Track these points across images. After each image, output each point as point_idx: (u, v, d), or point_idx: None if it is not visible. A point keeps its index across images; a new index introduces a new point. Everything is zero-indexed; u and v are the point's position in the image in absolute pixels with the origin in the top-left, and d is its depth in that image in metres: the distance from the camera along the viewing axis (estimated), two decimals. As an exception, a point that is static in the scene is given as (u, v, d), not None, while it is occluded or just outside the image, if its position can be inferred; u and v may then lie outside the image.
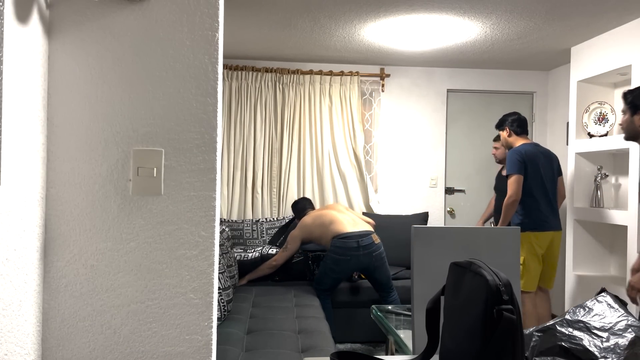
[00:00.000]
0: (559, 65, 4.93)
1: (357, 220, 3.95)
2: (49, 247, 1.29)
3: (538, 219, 3.63)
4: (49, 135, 1.29)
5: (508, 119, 3.84)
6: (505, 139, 3.87)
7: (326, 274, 3.83)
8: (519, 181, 3.59)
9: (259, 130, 4.81)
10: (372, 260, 3.76)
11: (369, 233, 3.79)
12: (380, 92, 5.07)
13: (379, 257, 3.78)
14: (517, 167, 3.60)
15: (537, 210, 3.63)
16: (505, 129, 3.85)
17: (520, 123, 3.82)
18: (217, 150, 1.34)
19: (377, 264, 3.78)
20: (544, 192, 3.66)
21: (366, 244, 3.73)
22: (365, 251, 3.72)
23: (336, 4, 3.40)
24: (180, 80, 1.32)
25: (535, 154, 3.67)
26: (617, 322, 1.03)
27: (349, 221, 3.87)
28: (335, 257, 3.75)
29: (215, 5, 1.33)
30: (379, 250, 3.79)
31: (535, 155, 3.66)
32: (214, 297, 1.34)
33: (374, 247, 3.76)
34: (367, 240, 3.74)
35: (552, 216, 3.69)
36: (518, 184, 3.58)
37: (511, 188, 3.60)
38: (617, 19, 3.59)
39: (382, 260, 3.80)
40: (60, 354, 1.30)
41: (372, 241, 3.76)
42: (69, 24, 1.29)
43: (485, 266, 0.96)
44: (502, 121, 3.88)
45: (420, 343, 1.47)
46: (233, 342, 2.59)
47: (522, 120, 3.84)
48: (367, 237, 3.75)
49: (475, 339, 0.92)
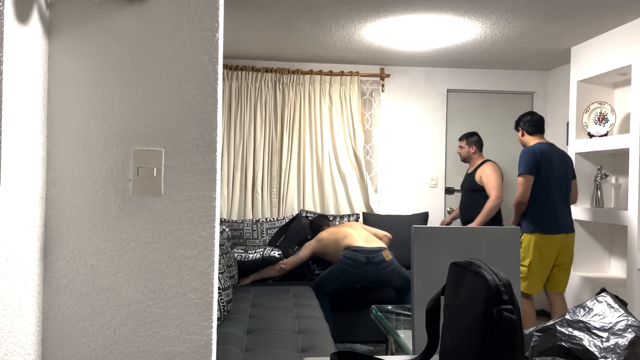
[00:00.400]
0: (559, 65, 4.93)
1: (370, 237, 4.01)
2: (49, 247, 1.29)
3: (547, 221, 3.51)
4: (49, 135, 1.29)
5: (522, 119, 3.76)
6: (520, 139, 3.79)
7: (330, 280, 3.86)
8: (527, 182, 3.49)
9: (259, 130, 4.81)
10: (380, 276, 3.82)
11: (380, 250, 3.83)
12: (380, 92, 5.07)
13: (389, 273, 3.82)
14: (527, 167, 3.50)
15: (547, 212, 3.52)
16: (519, 129, 3.77)
17: (533, 123, 3.70)
18: (217, 150, 1.34)
19: (386, 279, 3.84)
20: (556, 193, 3.54)
21: (376, 260, 3.77)
22: (374, 268, 3.77)
23: (336, 4, 3.40)
24: (180, 80, 1.32)
25: (549, 153, 3.56)
26: (617, 322, 1.03)
27: (362, 237, 3.94)
28: (343, 267, 3.80)
29: (215, 5, 1.33)
30: (390, 267, 3.81)
31: (549, 155, 3.55)
32: (214, 297, 1.34)
33: (383, 265, 3.79)
34: (378, 258, 3.77)
35: (563, 219, 3.55)
36: (526, 185, 3.49)
37: (519, 189, 3.52)
38: (617, 19, 3.59)
39: (392, 274, 3.83)
40: (60, 354, 1.30)
41: (382, 258, 3.79)
42: (69, 24, 1.29)
43: (485, 266, 0.96)
44: (517, 122, 3.81)
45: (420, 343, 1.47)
46: (233, 342, 2.59)
47: (536, 120, 3.71)
48: (378, 255, 3.78)
49: (475, 339, 0.92)
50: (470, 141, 4.50)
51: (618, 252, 4.16)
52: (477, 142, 4.50)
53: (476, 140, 4.50)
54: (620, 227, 4.07)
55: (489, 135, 5.17)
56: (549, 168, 3.52)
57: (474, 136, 4.51)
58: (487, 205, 4.16)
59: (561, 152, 3.65)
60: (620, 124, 4.06)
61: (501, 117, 5.22)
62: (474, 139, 4.50)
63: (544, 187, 3.52)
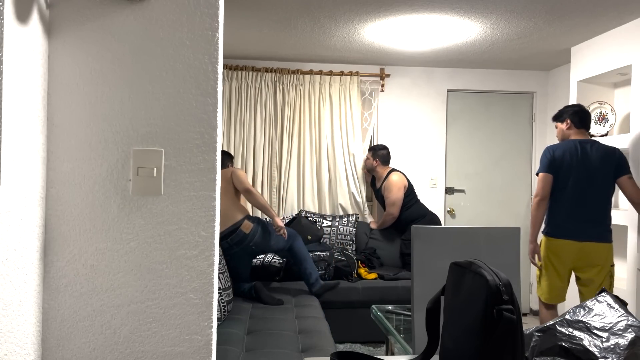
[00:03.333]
0: (559, 65, 4.93)
1: (224, 214, 3.70)
2: (49, 247, 1.29)
3: (554, 224, 3.30)
4: (49, 135, 1.29)
5: (570, 110, 3.42)
6: (562, 131, 3.43)
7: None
8: (543, 179, 3.26)
9: (259, 130, 4.81)
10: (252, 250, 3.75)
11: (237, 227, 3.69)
12: (380, 92, 5.07)
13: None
14: (542, 165, 3.31)
15: (556, 214, 3.29)
16: (566, 120, 3.40)
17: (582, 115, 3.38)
18: (217, 150, 1.34)
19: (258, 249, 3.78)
20: (573, 195, 3.23)
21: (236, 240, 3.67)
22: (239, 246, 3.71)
23: (336, 4, 3.40)
24: (180, 80, 1.32)
25: (572, 151, 3.24)
26: (617, 322, 1.03)
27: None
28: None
29: (215, 5, 1.33)
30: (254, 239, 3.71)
31: (572, 153, 3.24)
32: (214, 297, 1.34)
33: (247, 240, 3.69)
34: (238, 237, 3.66)
35: (577, 223, 3.22)
36: (543, 182, 3.27)
37: (537, 186, 3.33)
38: (617, 19, 3.59)
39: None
40: (60, 354, 1.30)
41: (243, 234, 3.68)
42: (69, 24, 1.29)
43: (485, 266, 0.96)
44: (560, 113, 3.45)
45: (420, 343, 1.47)
46: (233, 342, 2.59)
47: (584, 112, 3.39)
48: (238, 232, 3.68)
49: (475, 339, 0.92)
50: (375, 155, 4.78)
51: (618, 252, 4.16)
52: (381, 156, 4.77)
53: (382, 155, 4.77)
54: (620, 227, 4.07)
55: (489, 135, 5.18)
56: (567, 169, 3.23)
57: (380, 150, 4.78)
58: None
59: (600, 149, 3.25)
60: (621, 124, 4.06)
61: (501, 117, 5.22)
62: (379, 153, 4.77)
63: (559, 188, 3.27)
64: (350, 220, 4.72)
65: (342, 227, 4.67)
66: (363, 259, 4.49)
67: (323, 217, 4.72)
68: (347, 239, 4.64)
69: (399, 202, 4.59)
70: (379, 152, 4.77)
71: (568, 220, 3.25)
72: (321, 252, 4.28)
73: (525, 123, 5.24)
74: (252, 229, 3.60)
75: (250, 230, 3.60)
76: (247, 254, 3.70)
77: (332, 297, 3.98)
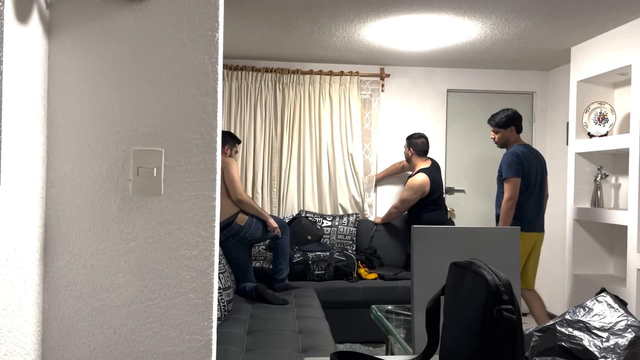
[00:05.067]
0: (559, 65, 4.93)
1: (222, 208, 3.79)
2: (49, 247, 1.29)
3: (523, 220, 3.67)
4: (49, 135, 1.29)
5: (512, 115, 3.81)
6: (507, 137, 3.82)
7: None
8: (516, 184, 3.64)
9: (259, 130, 4.81)
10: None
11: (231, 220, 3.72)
12: (380, 92, 5.07)
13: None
14: (515, 170, 3.65)
15: (528, 212, 3.70)
16: (511, 127, 3.81)
17: (520, 121, 3.88)
18: (217, 150, 1.34)
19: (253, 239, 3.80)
20: (532, 194, 3.72)
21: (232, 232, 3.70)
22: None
23: (336, 4, 3.40)
24: (180, 80, 1.32)
25: (528, 155, 3.72)
26: (617, 322, 1.03)
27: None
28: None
29: (215, 5, 1.33)
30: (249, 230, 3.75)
31: (528, 157, 3.72)
32: (214, 297, 1.34)
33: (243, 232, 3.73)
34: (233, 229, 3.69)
35: (537, 218, 3.75)
36: (515, 186, 3.64)
37: (509, 191, 3.63)
38: (617, 19, 3.59)
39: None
40: (60, 354, 1.30)
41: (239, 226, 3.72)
42: (69, 24, 1.29)
43: (485, 266, 0.96)
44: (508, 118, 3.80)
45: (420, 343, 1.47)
46: (233, 342, 2.59)
47: (521, 117, 3.88)
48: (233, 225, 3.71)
49: (475, 339, 0.92)
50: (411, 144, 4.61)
51: (618, 252, 4.16)
52: (416, 145, 4.59)
53: (416, 144, 4.59)
54: (620, 227, 4.07)
55: (489, 135, 5.17)
56: (528, 171, 3.69)
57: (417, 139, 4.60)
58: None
59: (536, 153, 3.81)
60: (620, 124, 4.07)
61: (501, 117, 5.21)
62: (414, 142, 4.59)
63: (523, 188, 3.69)
64: (351, 220, 4.72)
65: (342, 227, 4.67)
66: (363, 259, 4.48)
67: (323, 217, 4.72)
68: (347, 239, 4.64)
69: (409, 203, 4.48)
70: (414, 141, 4.56)
71: (534, 216, 3.74)
72: (321, 252, 4.27)
73: (525, 123, 5.23)
74: (247, 222, 3.66)
75: (245, 223, 3.66)
76: (244, 245, 3.73)
77: (332, 297, 3.99)
